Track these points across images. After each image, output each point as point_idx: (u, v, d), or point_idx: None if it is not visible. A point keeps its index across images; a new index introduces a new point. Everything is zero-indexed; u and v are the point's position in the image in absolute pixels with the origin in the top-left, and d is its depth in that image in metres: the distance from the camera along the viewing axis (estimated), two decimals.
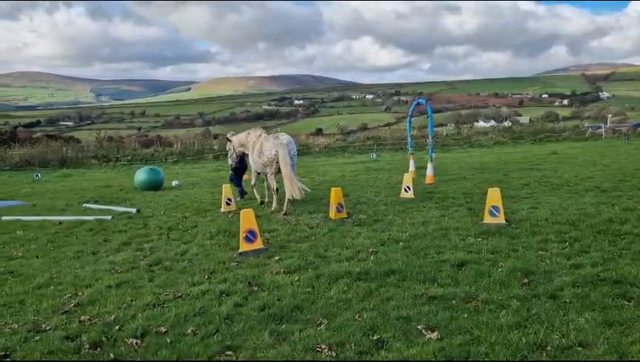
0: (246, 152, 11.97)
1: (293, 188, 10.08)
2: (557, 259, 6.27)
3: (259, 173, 11.72)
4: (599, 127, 38.72)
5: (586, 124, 43.34)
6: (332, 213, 9.80)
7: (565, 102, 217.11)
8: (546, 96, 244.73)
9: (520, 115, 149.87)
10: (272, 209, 10.78)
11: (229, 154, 12.84)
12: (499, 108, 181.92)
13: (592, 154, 22.13)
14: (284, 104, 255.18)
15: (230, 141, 12.61)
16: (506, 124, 69.03)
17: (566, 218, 8.57)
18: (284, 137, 10.82)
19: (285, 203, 10.39)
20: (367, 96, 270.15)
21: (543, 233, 7.62)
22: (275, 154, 10.42)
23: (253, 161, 11.46)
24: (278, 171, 10.57)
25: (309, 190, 11.46)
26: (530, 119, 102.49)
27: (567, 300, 4.91)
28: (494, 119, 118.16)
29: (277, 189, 10.92)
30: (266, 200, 11.71)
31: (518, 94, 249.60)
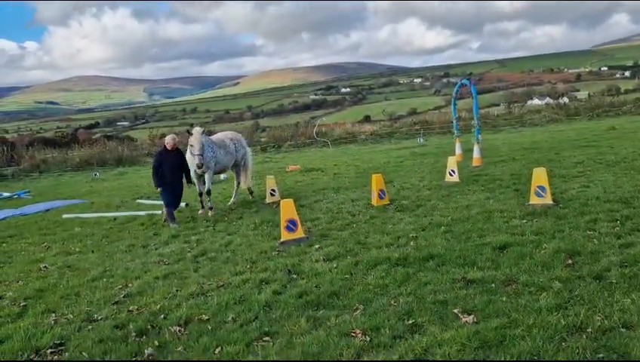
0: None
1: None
2: (605, 238, 6.02)
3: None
4: None
5: None
6: (374, 200, 9.78)
7: (627, 73, 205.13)
8: (606, 69, 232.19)
9: (577, 90, 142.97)
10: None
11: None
12: (554, 84, 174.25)
13: None
14: (331, 93, 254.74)
15: None
16: (563, 100, 66.16)
17: (619, 196, 8.18)
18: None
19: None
20: (415, 80, 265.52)
21: (592, 212, 7.31)
22: None
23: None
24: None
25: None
26: (588, 94, 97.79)
27: (614, 281, 4.72)
28: (549, 96, 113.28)
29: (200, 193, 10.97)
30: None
31: (575, 69, 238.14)
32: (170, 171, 9.91)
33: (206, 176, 10.76)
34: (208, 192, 10.78)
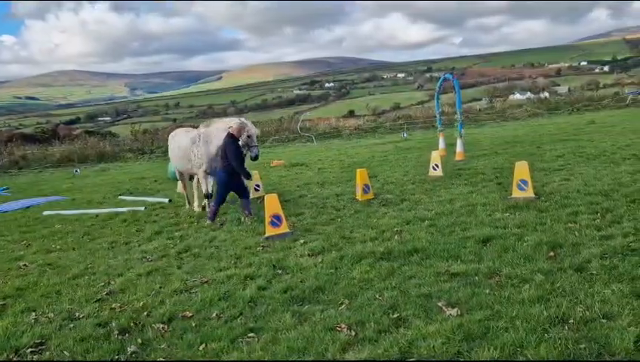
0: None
1: None
2: (586, 230, 6.10)
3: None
4: None
5: (626, 91, 41.60)
6: (359, 195, 9.79)
7: (606, 68, 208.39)
8: (585, 63, 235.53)
9: (558, 85, 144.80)
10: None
11: None
12: (535, 79, 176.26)
13: (632, 121, 21.25)
14: (315, 88, 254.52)
15: None
16: (543, 95, 66.95)
17: (599, 188, 8.30)
18: None
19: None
20: (398, 75, 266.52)
21: (573, 205, 7.41)
22: None
23: None
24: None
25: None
26: (568, 89, 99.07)
27: (594, 272, 4.79)
28: (531, 91, 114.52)
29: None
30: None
31: (555, 64, 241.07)
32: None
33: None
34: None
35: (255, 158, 9.27)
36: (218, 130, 9.47)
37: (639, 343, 3.46)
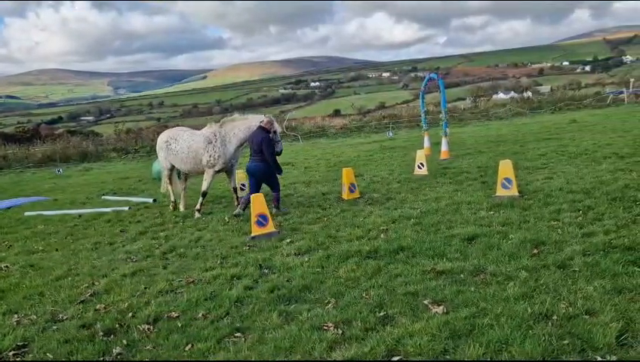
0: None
1: None
2: (569, 228, 6.19)
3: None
4: (621, 93, 37.70)
5: (607, 90, 42.25)
6: (345, 194, 9.82)
7: (587, 68, 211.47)
8: (567, 63, 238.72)
9: (540, 85, 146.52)
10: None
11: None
12: (518, 78, 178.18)
13: (612, 120, 21.61)
14: (301, 87, 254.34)
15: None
16: (527, 94, 67.70)
17: (581, 187, 8.42)
18: None
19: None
20: (383, 75, 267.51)
21: (556, 203, 7.51)
22: None
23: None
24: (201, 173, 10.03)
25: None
26: (551, 88, 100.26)
27: (577, 269, 4.86)
28: (514, 90, 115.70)
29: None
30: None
31: (538, 64, 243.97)
32: None
33: (234, 171, 10.14)
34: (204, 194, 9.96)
35: (279, 153, 9.33)
36: (236, 128, 9.57)
37: (621, 338, 3.52)
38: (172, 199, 10.58)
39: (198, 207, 9.73)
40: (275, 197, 9.19)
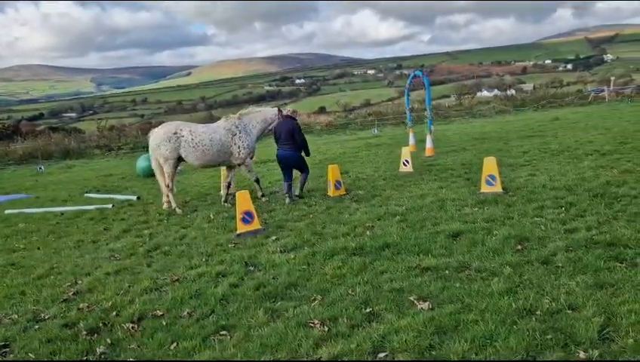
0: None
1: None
2: (552, 224, 6.27)
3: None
4: (602, 91, 38.27)
5: (588, 88, 42.86)
6: (330, 191, 9.82)
7: (569, 66, 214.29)
8: (550, 62, 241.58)
9: (524, 83, 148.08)
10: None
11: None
12: (502, 76, 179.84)
13: (594, 118, 21.93)
14: (286, 84, 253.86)
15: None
16: (510, 92, 68.32)
17: (563, 183, 8.53)
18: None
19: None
20: (368, 72, 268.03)
21: (539, 199, 7.60)
22: None
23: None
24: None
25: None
26: (533, 86, 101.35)
27: (560, 264, 4.92)
28: (498, 88, 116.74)
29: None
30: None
31: (521, 62, 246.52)
32: None
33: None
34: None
35: None
36: (254, 120, 10.13)
37: (603, 333, 3.57)
38: (172, 201, 10.03)
39: (260, 193, 10.25)
40: (303, 178, 9.92)
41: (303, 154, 9.87)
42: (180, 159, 9.87)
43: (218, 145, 9.74)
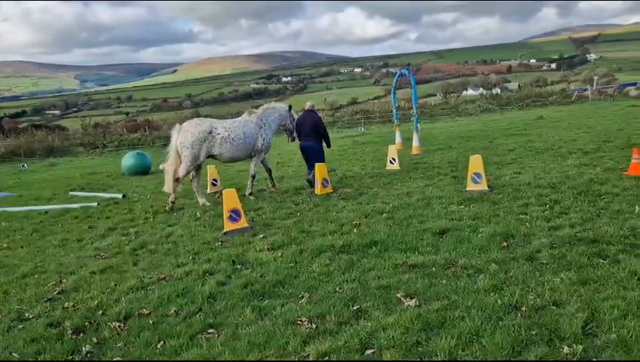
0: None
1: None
2: (537, 221, 6.34)
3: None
4: (585, 90, 38.78)
5: (572, 87, 43.39)
6: (318, 189, 9.82)
7: (553, 65, 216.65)
8: (534, 61, 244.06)
9: (509, 82, 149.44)
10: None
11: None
12: (487, 75, 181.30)
13: (577, 117, 22.21)
14: (272, 82, 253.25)
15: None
16: (495, 91, 68.86)
17: (548, 181, 8.64)
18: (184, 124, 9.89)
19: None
20: (355, 70, 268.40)
21: (524, 197, 7.69)
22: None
23: None
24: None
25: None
26: (518, 85, 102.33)
27: (545, 261, 4.98)
28: (483, 87, 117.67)
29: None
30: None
31: (507, 61, 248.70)
32: None
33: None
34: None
35: None
36: (271, 115, 10.48)
37: (587, 328, 3.63)
38: (173, 199, 9.78)
39: (249, 191, 10.19)
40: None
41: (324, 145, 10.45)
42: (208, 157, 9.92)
43: (250, 138, 10.03)
